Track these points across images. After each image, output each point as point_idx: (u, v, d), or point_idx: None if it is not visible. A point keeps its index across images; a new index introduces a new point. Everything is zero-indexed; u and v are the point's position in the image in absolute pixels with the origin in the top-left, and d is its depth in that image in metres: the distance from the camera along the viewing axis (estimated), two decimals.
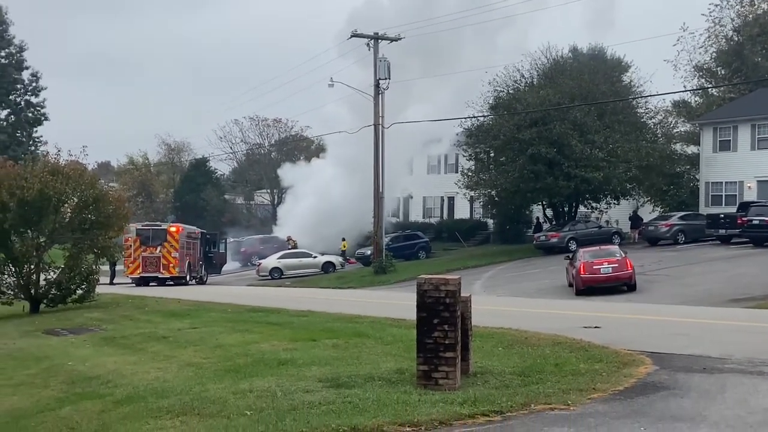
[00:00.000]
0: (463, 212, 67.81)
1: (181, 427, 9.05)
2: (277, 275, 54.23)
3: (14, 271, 31.12)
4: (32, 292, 31.21)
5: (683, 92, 64.73)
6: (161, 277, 46.90)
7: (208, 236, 55.97)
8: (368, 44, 49.98)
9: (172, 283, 47.05)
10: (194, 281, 49.64)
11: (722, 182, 51.28)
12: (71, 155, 33.43)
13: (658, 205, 57.14)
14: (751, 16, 64.14)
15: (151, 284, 46.40)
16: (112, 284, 47.81)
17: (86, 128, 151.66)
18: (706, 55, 65.79)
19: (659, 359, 12.43)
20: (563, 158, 47.42)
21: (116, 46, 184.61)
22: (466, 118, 53.47)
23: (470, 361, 11.36)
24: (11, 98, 78.97)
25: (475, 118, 53.35)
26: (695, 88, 65.32)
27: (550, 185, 48.08)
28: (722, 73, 64.90)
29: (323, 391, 10.42)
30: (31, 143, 78.92)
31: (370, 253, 52.69)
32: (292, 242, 62.98)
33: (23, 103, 79.87)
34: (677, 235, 46.51)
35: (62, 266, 31.68)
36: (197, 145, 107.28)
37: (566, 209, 54.13)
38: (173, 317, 24.44)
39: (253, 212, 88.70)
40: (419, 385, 10.19)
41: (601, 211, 53.91)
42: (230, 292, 40.28)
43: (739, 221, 42.40)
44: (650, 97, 54.56)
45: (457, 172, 59.40)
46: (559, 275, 36.15)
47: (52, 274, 31.77)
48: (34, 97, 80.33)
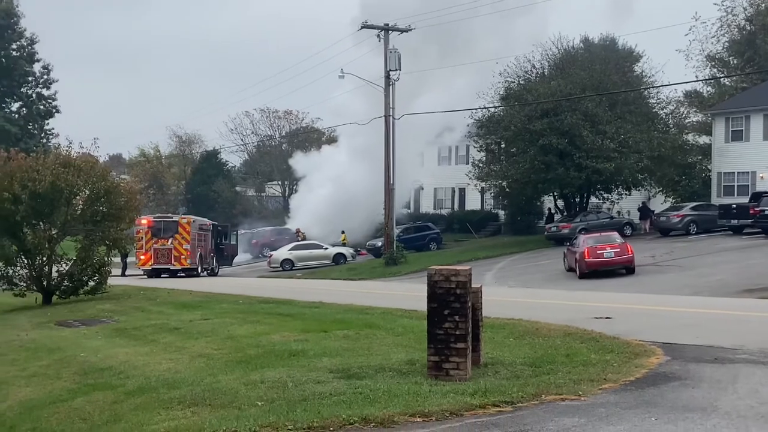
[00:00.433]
0: (474, 203, 67.72)
1: (192, 417, 9.07)
2: (288, 267, 54.33)
3: (27, 262, 31.32)
4: (45, 283, 31.37)
5: (695, 82, 64.53)
6: (173, 268, 47.04)
7: (219, 228, 56.07)
8: (378, 35, 49.90)
9: (183, 274, 47.19)
10: (206, 273, 49.76)
11: (734, 172, 51.07)
12: (83, 147, 33.63)
13: (669, 195, 56.96)
14: (763, 5, 63.78)
15: (162, 276, 46.55)
16: (123, 276, 47.98)
17: (97, 121, 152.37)
18: (718, 44, 65.54)
19: (670, 350, 12.41)
20: (574, 149, 47.28)
21: (128, 38, 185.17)
22: (477, 109, 53.41)
23: (481, 351, 11.35)
24: (23, 91, 79.13)
25: (486, 109, 53.26)
26: (707, 77, 65.01)
27: (561, 176, 47.95)
28: (734, 62, 64.59)
29: (334, 381, 10.43)
30: (42, 136, 79.11)
31: (381, 244, 52.73)
32: (301, 235, 63.08)
33: (35, 95, 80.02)
34: (689, 225, 46.35)
35: (74, 258, 31.84)
36: (208, 137, 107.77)
37: (577, 200, 54.02)
38: (185, 308, 24.50)
39: (264, 204, 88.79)
40: (430, 375, 10.20)
41: (612, 201, 53.75)
42: (241, 283, 40.35)
43: (751, 211, 42.23)
44: (662, 87, 54.42)
45: (468, 163, 59.32)
46: None
47: (64, 265, 31.91)
48: (45, 89, 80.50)
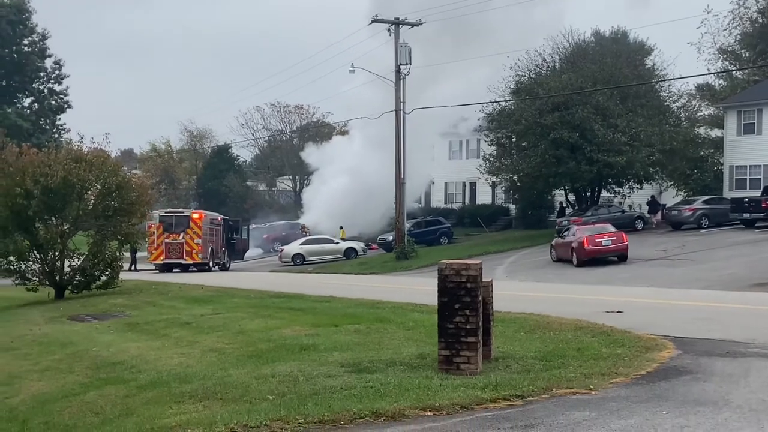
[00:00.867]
0: (485, 197, 67.66)
1: (203, 411, 9.10)
2: (299, 261, 54.37)
3: (39, 257, 31.48)
4: (57, 278, 31.52)
5: (707, 75, 64.20)
6: (184, 263, 47.20)
7: (230, 223, 56.19)
8: (389, 30, 49.80)
9: (195, 269, 47.34)
10: (217, 267, 49.90)
11: (746, 166, 50.81)
12: (94, 143, 33.65)
13: (681, 189, 56.76)
14: None
15: (174, 270, 46.69)
16: (134, 270, 48.10)
17: (109, 115, 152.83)
18: (730, 37, 65.07)
19: (682, 343, 12.38)
20: (585, 143, 47.11)
21: (138, 33, 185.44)
22: (487, 103, 53.25)
23: (491, 345, 11.35)
24: (35, 86, 79.53)
25: (496, 103, 53.14)
26: (719, 71, 64.66)
27: (572, 170, 47.80)
28: (747, 55, 64.20)
29: (345, 375, 10.44)
30: (54, 131, 79.49)
31: (392, 238, 52.73)
32: (306, 231, 63.18)
33: (46, 90, 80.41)
34: (701, 219, 46.16)
35: (86, 253, 31.96)
36: (219, 131, 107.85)
37: (589, 194, 53.84)
38: (196, 303, 24.58)
39: (275, 199, 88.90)
40: (441, 369, 10.20)
41: (623, 195, 53.59)
42: (253, 278, 40.42)
43: (763, 205, 42.11)
44: (673, 80, 54.13)
45: (478, 157, 59.16)
46: None
47: (76, 260, 32.06)
48: (57, 84, 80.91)
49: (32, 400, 12.75)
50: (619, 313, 16.73)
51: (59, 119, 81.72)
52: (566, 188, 54.13)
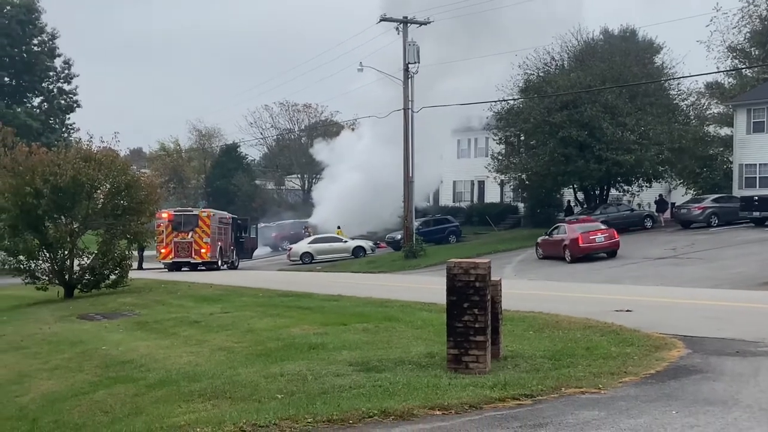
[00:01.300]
0: (493, 196, 67.56)
1: (212, 410, 9.12)
2: (307, 260, 54.38)
3: (49, 256, 31.55)
4: (66, 277, 31.60)
5: (716, 73, 63.91)
6: (193, 262, 47.28)
7: (239, 221, 56.26)
8: (397, 28, 49.75)
9: (203, 268, 47.41)
10: (226, 266, 49.96)
11: (756, 164, 50.59)
12: (103, 142, 33.71)
13: (691, 187, 56.60)
14: None
15: (183, 269, 46.76)
16: (141, 269, 48.15)
17: (118, 115, 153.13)
18: (739, 35, 64.75)
19: (691, 343, 12.34)
20: (594, 141, 47.02)
21: (147, 32, 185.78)
22: (496, 101, 53.13)
23: (500, 344, 11.34)
24: (44, 85, 79.61)
25: (505, 101, 53.05)
26: (728, 69, 64.41)
27: (581, 168, 47.71)
28: (756, 53, 63.88)
29: (353, 374, 10.44)
30: (63, 130, 79.55)
31: (400, 237, 52.70)
32: (309, 231, 63.21)
33: (56, 90, 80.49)
34: (710, 217, 46.02)
35: (95, 252, 32.04)
36: (228, 130, 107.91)
37: (597, 192, 53.76)
38: (205, 302, 24.61)
39: (283, 197, 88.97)
40: (449, 368, 10.20)
41: (632, 194, 53.47)
42: (261, 276, 40.46)
43: None
44: (683, 78, 54.00)
45: (487, 155, 59.05)
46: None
47: (85, 259, 32.15)
48: (66, 84, 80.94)
49: (42, 398, 12.79)
50: (628, 312, 16.69)
51: (68, 118, 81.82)
52: (575, 187, 54.01)
